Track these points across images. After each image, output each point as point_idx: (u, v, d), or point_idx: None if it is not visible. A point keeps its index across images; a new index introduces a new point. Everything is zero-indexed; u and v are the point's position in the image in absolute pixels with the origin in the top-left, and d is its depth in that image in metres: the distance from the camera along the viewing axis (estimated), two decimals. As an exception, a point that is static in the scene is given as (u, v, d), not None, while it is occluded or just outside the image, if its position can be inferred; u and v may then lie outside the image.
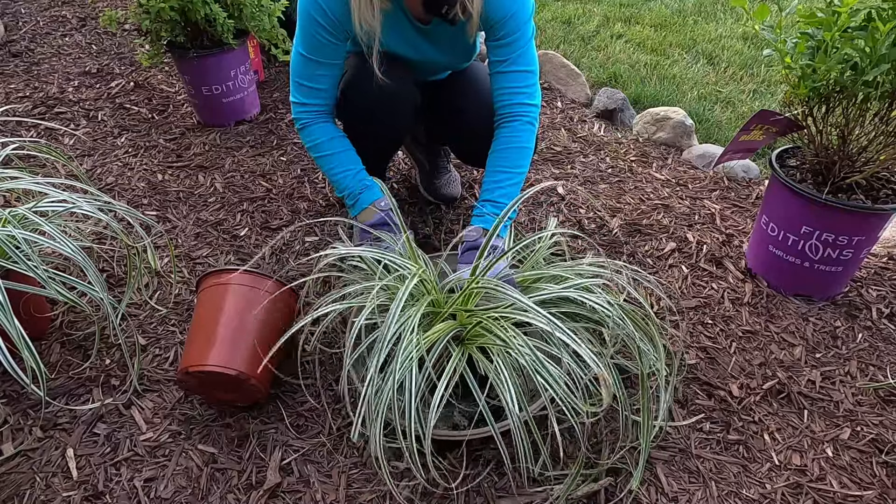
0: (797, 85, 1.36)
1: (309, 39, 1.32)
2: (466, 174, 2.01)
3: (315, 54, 1.33)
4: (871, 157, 1.40)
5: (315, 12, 1.27)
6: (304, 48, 1.33)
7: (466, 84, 1.54)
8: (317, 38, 1.30)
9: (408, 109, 1.48)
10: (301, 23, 1.31)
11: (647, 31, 3.19)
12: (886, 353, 1.41)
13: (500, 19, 1.28)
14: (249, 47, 2.25)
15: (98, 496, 1.11)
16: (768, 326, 1.47)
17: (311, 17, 1.28)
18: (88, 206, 1.27)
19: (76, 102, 2.39)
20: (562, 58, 2.60)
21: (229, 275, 1.25)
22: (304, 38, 1.32)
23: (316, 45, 1.32)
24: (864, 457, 1.20)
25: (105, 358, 1.37)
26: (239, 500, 1.10)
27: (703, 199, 1.91)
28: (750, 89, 2.66)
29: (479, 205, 1.37)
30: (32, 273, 1.12)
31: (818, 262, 1.46)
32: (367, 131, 1.47)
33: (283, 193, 1.90)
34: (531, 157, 1.40)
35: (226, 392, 1.21)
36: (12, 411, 1.25)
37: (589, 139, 2.23)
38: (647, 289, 1.56)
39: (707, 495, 1.12)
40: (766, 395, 1.31)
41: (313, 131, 1.42)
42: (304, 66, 1.36)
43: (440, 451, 1.16)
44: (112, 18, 2.10)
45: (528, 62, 1.35)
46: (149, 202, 1.86)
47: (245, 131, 2.23)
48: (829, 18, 1.26)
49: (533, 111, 1.37)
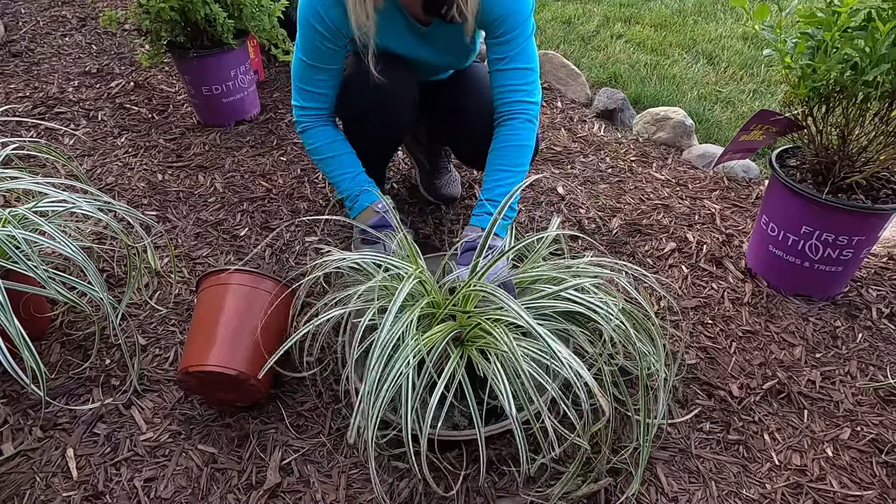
0: (797, 85, 1.36)
1: (308, 45, 1.33)
2: (466, 174, 2.01)
3: (315, 60, 1.34)
4: (871, 157, 1.40)
5: (313, 19, 1.28)
6: (303, 54, 1.35)
7: (467, 84, 1.54)
8: (315, 44, 1.31)
9: (405, 108, 1.48)
10: (301, 30, 1.32)
11: (647, 31, 3.19)
12: (886, 353, 1.41)
13: (499, 17, 1.27)
14: (249, 47, 2.25)
15: (98, 496, 1.11)
16: (768, 326, 1.47)
17: (309, 24, 1.29)
18: (88, 206, 1.27)
19: (76, 102, 2.39)
20: (562, 58, 2.60)
21: (229, 275, 1.25)
22: (304, 45, 1.34)
23: (315, 51, 1.33)
24: (864, 457, 1.20)
25: (105, 358, 1.37)
26: (239, 500, 1.10)
27: (703, 199, 1.91)
28: (750, 89, 2.66)
29: (478, 204, 1.36)
30: (32, 273, 1.13)
31: (818, 262, 1.46)
32: (363, 130, 1.47)
33: (283, 193, 1.90)
34: (532, 155, 1.39)
35: (226, 392, 1.21)
36: (12, 411, 1.25)
37: (589, 139, 2.23)
38: (648, 288, 1.56)
39: (707, 495, 1.12)
40: (766, 395, 1.31)
41: (314, 134, 1.43)
42: (304, 71, 1.37)
43: (440, 451, 1.16)
44: (112, 18, 2.10)
45: (528, 59, 1.34)
46: (149, 202, 1.86)
47: (245, 131, 2.23)
48: (829, 18, 1.26)
49: (532, 108, 1.37)
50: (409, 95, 1.47)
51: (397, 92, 1.42)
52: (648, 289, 1.54)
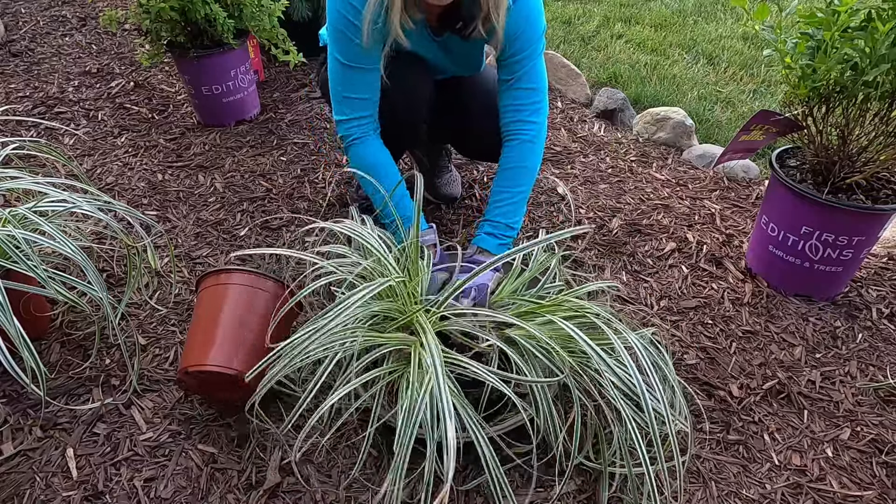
0: (797, 85, 1.36)
1: (344, 45, 1.26)
2: (466, 174, 2.01)
3: (352, 59, 1.28)
4: (871, 157, 1.40)
5: (345, 10, 1.22)
6: (340, 54, 1.28)
7: (473, 82, 1.55)
8: (352, 38, 1.24)
9: (419, 106, 1.47)
10: (333, 29, 1.26)
11: (647, 31, 3.19)
12: (886, 353, 1.41)
13: (509, 38, 1.28)
14: (249, 47, 2.25)
15: (98, 496, 1.11)
16: (768, 326, 1.47)
17: (342, 17, 1.23)
18: (88, 206, 1.27)
19: (76, 102, 2.39)
20: (562, 58, 2.60)
21: (229, 275, 1.25)
22: (339, 44, 1.27)
23: (352, 48, 1.26)
24: (864, 457, 1.20)
25: (105, 358, 1.37)
26: (239, 500, 1.10)
27: (703, 199, 1.91)
28: (750, 89, 2.66)
29: (479, 225, 1.41)
30: (32, 273, 1.12)
31: (818, 263, 1.46)
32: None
33: (283, 193, 1.90)
34: (535, 175, 1.42)
35: (226, 392, 1.21)
36: (12, 411, 1.25)
37: (589, 139, 2.23)
38: (648, 288, 1.56)
39: (707, 495, 1.12)
40: (766, 395, 1.31)
41: (359, 152, 1.37)
42: (343, 76, 1.31)
43: (439, 451, 1.16)
44: (112, 18, 2.10)
45: (534, 80, 1.35)
46: (149, 202, 1.86)
47: (245, 131, 2.23)
48: (828, 18, 1.26)
49: (534, 128, 1.38)
50: (423, 94, 1.47)
51: (413, 91, 1.42)
52: (649, 289, 1.54)
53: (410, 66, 1.38)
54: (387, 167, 1.38)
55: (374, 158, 1.38)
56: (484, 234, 1.38)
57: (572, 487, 1.11)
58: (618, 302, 1.52)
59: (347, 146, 1.38)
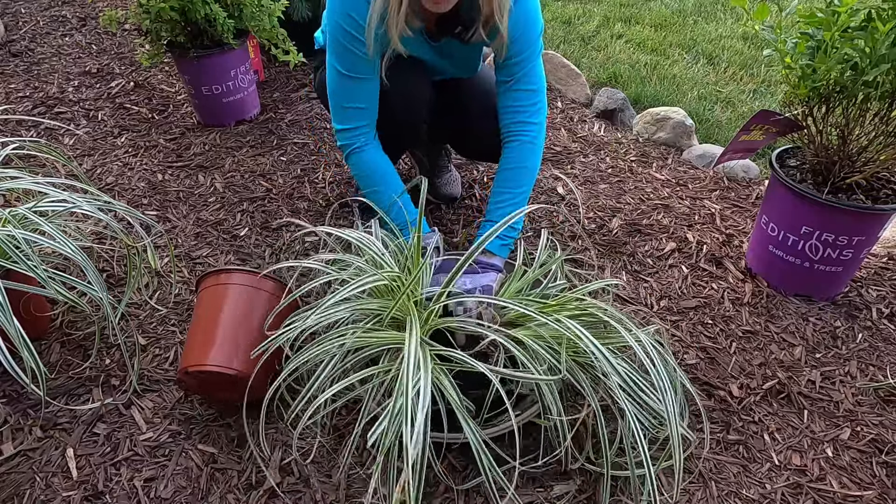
0: (797, 85, 1.36)
1: (343, 56, 1.27)
2: (466, 174, 2.01)
3: (352, 69, 1.29)
4: (871, 157, 1.40)
5: (343, 21, 1.23)
6: (339, 64, 1.29)
7: (472, 84, 1.55)
8: (351, 48, 1.26)
9: (419, 108, 1.47)
10: (332, 40, 1.27)
11: (647, 31, 3.19)
12: (886, 353, 1.41)
13: (510, 40, 1.28)
14: (249, 47, 2.25)
15: (98, 496, 1.11)
16: (768, 326, 1.47)
17: (340, 28, 1.24)
18: (88, 206, 1.27)
19: (76, 102, 2.39)
20: (562, 58, 2.60)
21: (229, 275, 1.25)
22: (339, 55, 1.28)
23: (351, 58, 1.27)
24: (864, 457, 1.20)
25: (105, 358, 1.37)
26: (239, 500, 1.10)
27: (703, 199, 1.91)
28: (750, 89, 2.66)
29: (481, 225, 1.41)
30: (32, 273, 1.12)
31: (818, 262, 1.46)
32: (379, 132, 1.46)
33: (283, 193, 1.90)
34: (535, 175, 1.42)
35: (226, 392, 1.21)
36: (12, 411, 1.25)
37: (589, 139, 2.23)
38: (648, 288, 1.56)
39: (707, 495, 1.12)
40: (766, 395, 1.31)
41: (360, 160, 1.38)
42: (342, 86, 1.32)
43: (438, 451, 1.16)
44: (112, 18, 2.10)
45: (533, 81, 1.36)
46: (149, 202, 1.86)
47: (245, 131, 2.23)
48: (828, 18, 1.26)
49: (533, 129, 1.38)
50: (423, 95, 1.47)
51: (412, 93, 1.42)
52: (649, 289, 1.54)
53: (409, 68, 1.38)
54: (387, 175, 1.39)
55: (375, 166, 1.39)
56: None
57: (573, 488, 1.11)
58: (618, 302, 1.53)
59: (348, 155, 1.40)
